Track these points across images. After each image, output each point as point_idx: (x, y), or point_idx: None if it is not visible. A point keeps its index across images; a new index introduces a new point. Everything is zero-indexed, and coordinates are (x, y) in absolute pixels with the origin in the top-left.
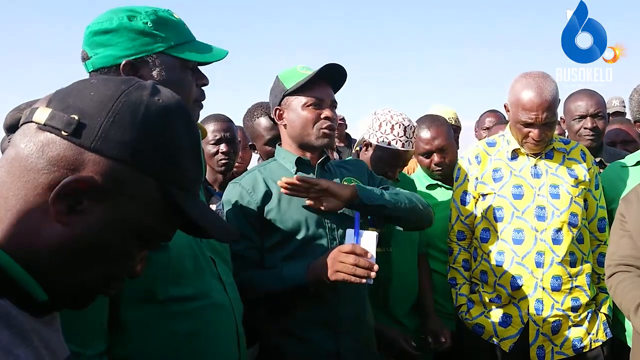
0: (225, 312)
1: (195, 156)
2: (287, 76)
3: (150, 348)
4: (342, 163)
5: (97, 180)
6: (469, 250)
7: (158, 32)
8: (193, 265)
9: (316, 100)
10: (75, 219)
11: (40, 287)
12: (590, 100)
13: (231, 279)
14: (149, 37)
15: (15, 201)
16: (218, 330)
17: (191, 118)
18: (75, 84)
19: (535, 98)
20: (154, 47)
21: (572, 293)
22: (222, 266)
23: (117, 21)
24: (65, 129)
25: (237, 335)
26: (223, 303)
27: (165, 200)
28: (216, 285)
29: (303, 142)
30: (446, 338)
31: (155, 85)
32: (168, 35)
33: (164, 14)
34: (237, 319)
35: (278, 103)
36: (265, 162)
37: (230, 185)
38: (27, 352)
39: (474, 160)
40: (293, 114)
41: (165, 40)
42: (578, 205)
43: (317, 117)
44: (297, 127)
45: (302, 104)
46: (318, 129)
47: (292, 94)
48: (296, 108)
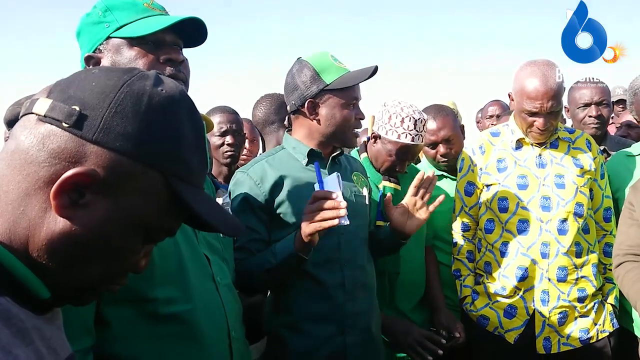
0: (215, 315)
1: (200, 148)
2: (322, 66)
3: (136, 349)
4: (350, 158)
5: (99, 173)
6: (473, 242)
7: (106, 18)
8: (177, 265)
9: (356, 102)
10: (77, 213)
11: (42, 284)
12: (594, 89)
13: (227, 279)
14: (99, 26)
15: (15, 195)
16: (204, 334)
17: (195, 109)
18: (76, 74)
19: (540, 87)
20: (103, 34)
21: (578, 284)
22: (219, 265)
23: (80, 22)
24: (66, 121)
25: (228, 339)
26: (212, 305)
27: (169, 193)
28: (207, 286)
29: (336, 139)
30: (460, 333)
31: (159, 76)
32: (116, 18)
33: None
34: (229, 322)
35: (314, 95)
36: (272, 151)
37: (238, 174)
38: (27, 352)
39: (477, 151)
40: (333, 110)
41: (112, 23)
42: (584, 195)
43: (354, 117)
44: (335, 125)
45: (343, 103)
46: (353, 129)
47: (334, 91)
48: (336, 105)
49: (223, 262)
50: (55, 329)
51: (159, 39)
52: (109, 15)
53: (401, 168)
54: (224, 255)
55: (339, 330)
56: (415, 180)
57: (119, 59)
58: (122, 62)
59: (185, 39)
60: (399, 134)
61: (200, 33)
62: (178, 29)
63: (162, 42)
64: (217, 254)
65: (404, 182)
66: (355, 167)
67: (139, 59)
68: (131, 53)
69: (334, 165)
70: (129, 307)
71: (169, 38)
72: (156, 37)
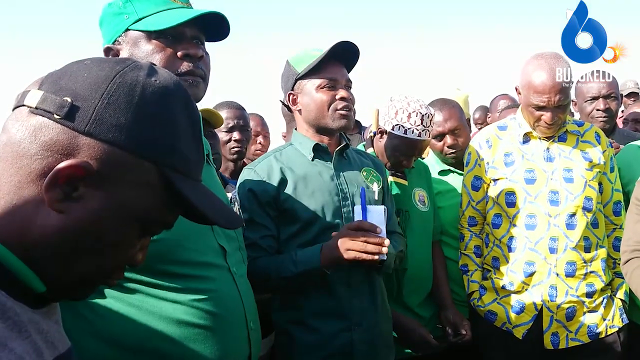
0: (233, 305)
1: (196, 140)
2: (298, 59)
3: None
4: (364, 154)
5: (92, 166)
6: (481, 236)
7: (126, 9)
8: (191, 255)
9: (330, 82)
10: (71, 206)
11: (37, 278)
12: (602, 82)
13: (243, 270)
14: (119, 17)
15: (8, 188)
16: (224, 324)
17: (190, 99)
18: (68, 65)
19: (547, 80)
20: (122, 26)
21: (586, 279)
22: (235, 255)
23: (102, 11)
24: (58, 112)
25: (247, 330)
26: (229, 296)
27: (165, 185)
28: (224, 276)
29: (320, 125)
30: (466, 330)
31: (152, 66)
32: (135, 10)
33: None
34: (247, 312)
35: (291, 88)
36: (281, 147)
37: (245, 171)
38: (24, 345)
39: (484, 145)
40: (307, 97)
41: (131, 15)
42: (592, 189)
43: (332, 98)
44: (312, 111)
45: (316, 86)
46: (334, 110)
47: (305, 77)
48: (310, 91)
49: (240, 250)
50: (52, 323)
51: (179, 33)
52: (129, 7)
53: (408, 163)
54: (241, 244)
55: (346, 327)
56: None
57: (137, 52)
58: (139, 56)
59: (207, 33)
60: (406, 129)
61: (223, 28)
62: (199, 23)
63: (182, 36)
64: (234, 242)
65: (410, 177)
66: (366, 162)
67: (156, 53)
68: (149, 47)
69: (341, 159)
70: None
71: (190, 32)
72: (175, 30)
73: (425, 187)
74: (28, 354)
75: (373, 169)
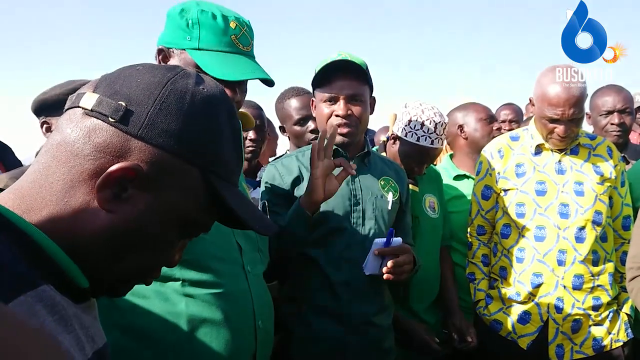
0: (242, 302)
1: (236, 147)
2: (320, 64)
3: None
4: (389, 162)
5: (142, 168)
6: (489, 245)
7: (192, 32)
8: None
9: (330, 97)
10: (119, 207)
11: (82, 274)
12: (617, 96)
13: (258, 270)
14: (182, 33)
15: (60, 186)
16: (230, 319)
17: (234, 108)
18: (121, 69)
19: (562, 93)
20: (182, 44)
21: (593, 292)
22: (252, 254)
23: (172, 10)
24: (113, 116)
25: (254, 329)
26: (239, 292)
27: (207, 190)
28: (236, 273)
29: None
30: (472, 337)
31: (199, 74)
32: (199, 36)
33: (209, 17)
34: (256, 311)
35: (313, 94)
36: (305, 148)
37: (268, 166)
38: (69, 338)
39: (496, 155)
40: (318, 108)
41: (193, 40)
42: (603, 203)
43: (331, 113)
44: (320, 122)
45: (321, 99)
46: (330, 126)
47: (316, 87)
48: (318, 102)
49: (257, 252)
50: (92, 319)
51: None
52: (195, 31)
53: (419, 170)
54: (259, 246)
55: (341, 327)
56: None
57: None
58: None
59: None
60: (419, 137)
61: (268, 82)
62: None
63: (226, 82)
64: (252, 243)
65: (421, 183)
66: (388, 172)
67: None
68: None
69: (360, 166)
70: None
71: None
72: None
73: (436, 194)
74: (72, 348)
75: (393, 179)
